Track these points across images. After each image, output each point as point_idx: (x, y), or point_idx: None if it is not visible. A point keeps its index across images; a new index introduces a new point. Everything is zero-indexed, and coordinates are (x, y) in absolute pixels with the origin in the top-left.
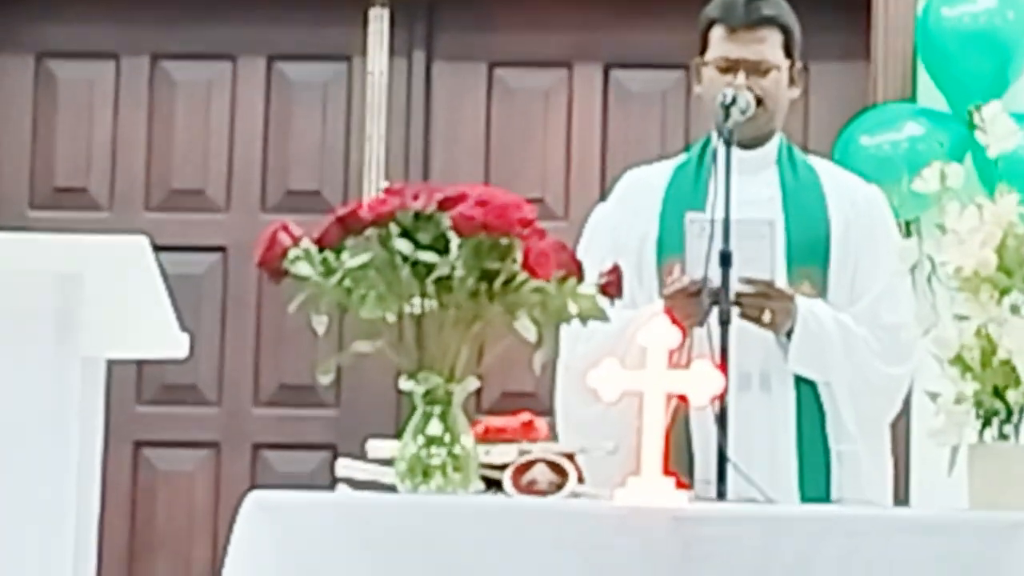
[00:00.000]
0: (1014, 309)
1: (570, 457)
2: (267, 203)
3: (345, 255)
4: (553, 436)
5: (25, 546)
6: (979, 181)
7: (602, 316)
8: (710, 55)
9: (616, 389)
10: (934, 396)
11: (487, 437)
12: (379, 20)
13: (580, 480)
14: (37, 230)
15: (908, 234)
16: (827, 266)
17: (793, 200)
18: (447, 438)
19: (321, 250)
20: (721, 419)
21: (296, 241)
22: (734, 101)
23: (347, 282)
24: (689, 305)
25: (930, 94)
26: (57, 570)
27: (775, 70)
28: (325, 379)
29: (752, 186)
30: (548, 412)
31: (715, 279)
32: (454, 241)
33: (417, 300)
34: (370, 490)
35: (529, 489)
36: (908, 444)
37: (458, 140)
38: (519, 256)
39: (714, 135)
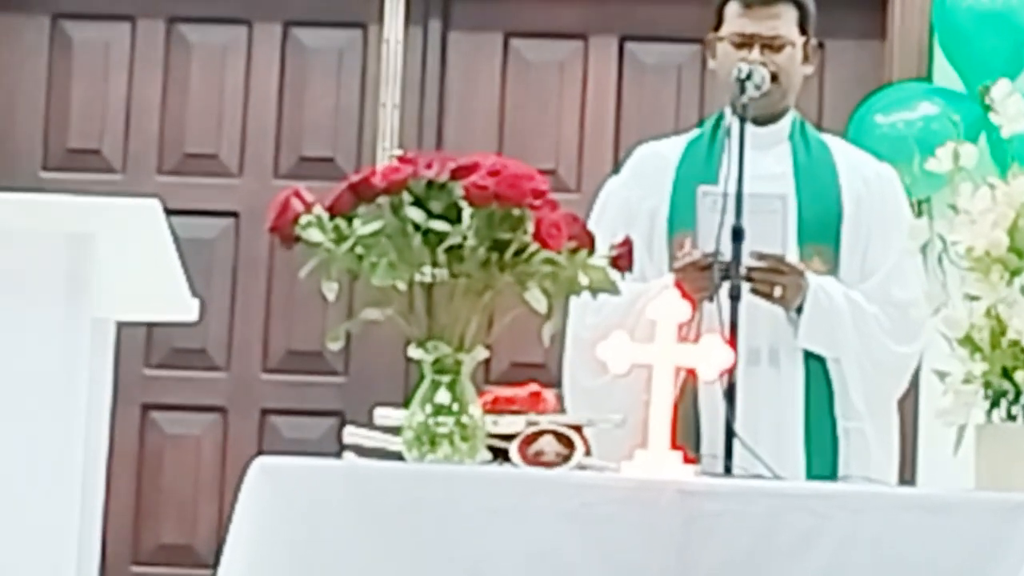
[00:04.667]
0: None
1: (577, 429)
2: (280, 169)
3: (357, 222)
4: (561, 408)
5: (32, 506)
6: (993, 161)
7: (613, 288)
8: (725, 30)
9: (625, 361)
10: (943, 375)
11: (495, 407)
12: None
13: (587, 452)
14: (50, 191)
15: (919, 213)
16: (838, 243)
17: (805, 176)
18: (455, 407)
19: (333, 217)
20: (729, 394)
21: (308, 207)
22: (749, 76)
23: (358, 249)
24: (699, 279)
25: (946, 73)
26: (64, 530)
27: (790, 46)
28: (334, 346)
29: (764, 162)
30: (556, 383)
31: (726, 253)
32: (466, 210)
33: (428, 269)
34: (377, 458)
35: (536, 460)
36: (916, 423)
37: (472, 110)
38: (531, 227)
39: (727, 110)
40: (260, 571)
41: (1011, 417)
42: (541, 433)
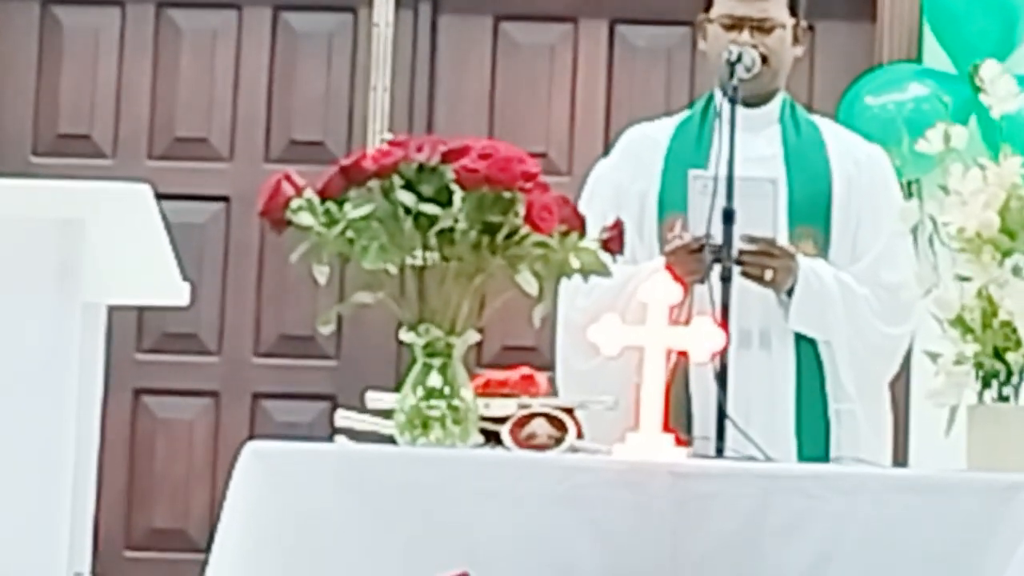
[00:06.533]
0: (1015, 271)
1: (569, 412)
2: (271, 153)
3: (348, 206)
4: (553, 390)
5: (24, 491)
6: (983, 142)
7: (604, 271)
8: (715, 12)
9: (617, 344)
10: (934, 357)
11: (487, 390)
12: None
13: (579, 435)
14: (40, 176)
15: (909, 195)
16: (829, 225)
17: (795, 158)
18: (447, 391)
19: (324, 201)
20: (721, 376)
21: (299, 191)
22: (739, 58)
23: (349, 233)
24: (690, 262)
25: (936, 55)
26: (56, 515)
27: (780, 28)
28: (325, 330)
29: (755, 144)
30: (548, 366)
31: (717, 236)
32: (457, 194)
33: (419, 252)
34: (369, 441)
35: (528, 443)
36: (908, 404)
37: (463, 93)
38: (522, 210)
39: (717, 92)
40: (252, 555)
41: (1003, 398)
42: (533, 416)
